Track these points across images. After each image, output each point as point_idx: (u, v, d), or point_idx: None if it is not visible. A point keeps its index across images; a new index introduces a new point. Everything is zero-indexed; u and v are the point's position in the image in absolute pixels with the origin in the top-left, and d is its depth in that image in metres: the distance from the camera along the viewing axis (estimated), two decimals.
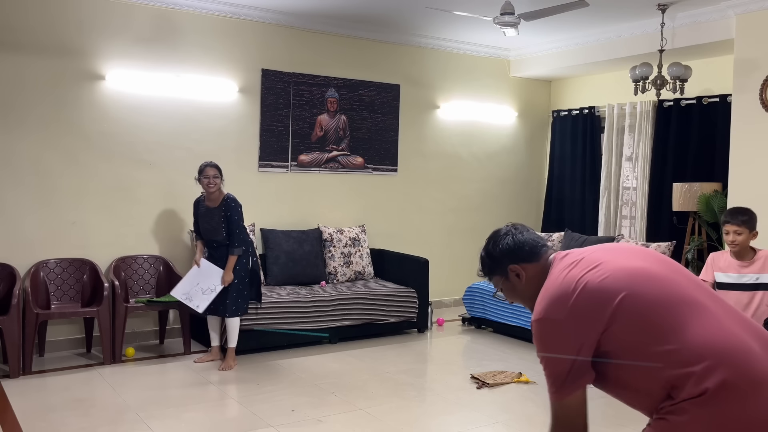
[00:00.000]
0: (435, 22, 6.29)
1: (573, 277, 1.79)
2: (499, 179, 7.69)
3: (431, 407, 4.34)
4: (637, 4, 5.54)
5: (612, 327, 1.71)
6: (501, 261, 1.99)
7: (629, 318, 1.70)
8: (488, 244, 2.04)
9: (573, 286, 1.77)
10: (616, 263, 1.80)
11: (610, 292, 1.72)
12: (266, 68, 6.09)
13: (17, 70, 5.06)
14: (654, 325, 1.69)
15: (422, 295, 6.12)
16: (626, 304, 1.70)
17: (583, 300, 1.74)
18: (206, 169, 4.95)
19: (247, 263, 5.03)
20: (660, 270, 1.80)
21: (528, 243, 1.98)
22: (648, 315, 1.70)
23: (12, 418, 3.86)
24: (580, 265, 1.83)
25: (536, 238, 2.01)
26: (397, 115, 6.88)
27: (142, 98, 5.54)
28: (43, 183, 5.20)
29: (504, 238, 2.01)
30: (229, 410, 4.18)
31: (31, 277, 5.02)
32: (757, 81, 5.20)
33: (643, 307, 1.70)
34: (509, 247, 1.99)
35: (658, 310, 1.70)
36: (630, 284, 1.73)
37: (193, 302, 4.91)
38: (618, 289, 1.72)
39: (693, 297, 1.74)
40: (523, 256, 1.97)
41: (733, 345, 1.64)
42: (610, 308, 1.71)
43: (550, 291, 1.83)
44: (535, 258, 1.97)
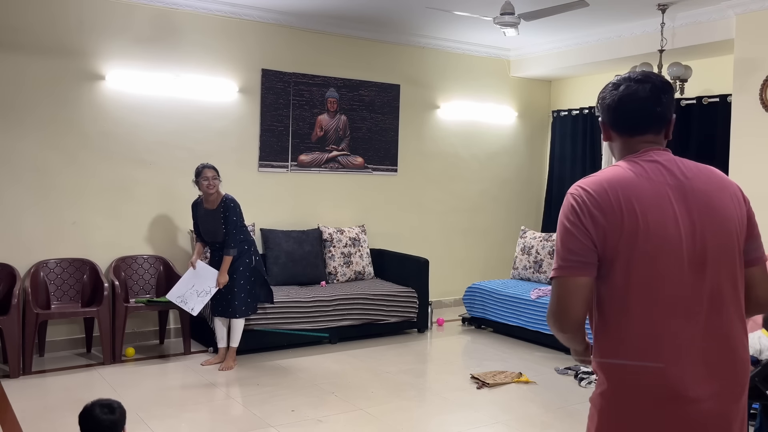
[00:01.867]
0: (435, 22, 6.29)
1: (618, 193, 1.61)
2: (500, 179, 7.69)
3: (431, 407, 4.34)
4: (637, 4, 5.53)
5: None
6: (599, 112, 1.77)
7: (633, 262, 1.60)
8: (607, 88, 1.75)
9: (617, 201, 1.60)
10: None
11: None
12: (266, 68, 6.09)
13: (17, 70, 5.06)
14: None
15: (422, 295, 6.12)
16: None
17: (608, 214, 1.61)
18: (205, 170, 4.91)
19: (251, 263, 5.03)
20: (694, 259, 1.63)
21: (620, 115, 1.71)
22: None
23: (12, 418, 3.86)
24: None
25: (634, 118, 1.70)
26: (397, 115, 6.88)
27: (142, 98, 5.54)
28: (43, 183, 5.20)
29: (609, 91, 1.74)
30: (229, 410, 4.18)
31: (31, 277, 5.01)
32: (757, 81, 5.19)
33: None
34: (602, 104, 1.75)
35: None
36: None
37: (188, 305, 4.90)
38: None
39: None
40: (612, 122, 1.74)
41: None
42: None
43: (603, 176, 1.65)
44: (623, 132, 1.72)
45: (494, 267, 7.59)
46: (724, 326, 1.64)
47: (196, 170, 4.97)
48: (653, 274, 1.59)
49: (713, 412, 1.61)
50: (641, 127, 1.70)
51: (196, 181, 4.95)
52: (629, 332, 1.61)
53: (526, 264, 6.62)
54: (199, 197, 5.08)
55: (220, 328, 5.07)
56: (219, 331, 5.08)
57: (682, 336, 1.60)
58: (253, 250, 5.09)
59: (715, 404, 1.61)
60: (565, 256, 1.62)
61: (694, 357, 1.60)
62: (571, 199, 1.64)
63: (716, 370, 1.62)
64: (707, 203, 1.65)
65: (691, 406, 1.59)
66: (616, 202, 1.60)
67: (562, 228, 1.65)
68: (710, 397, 1.60)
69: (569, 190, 1.68)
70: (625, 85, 1.70)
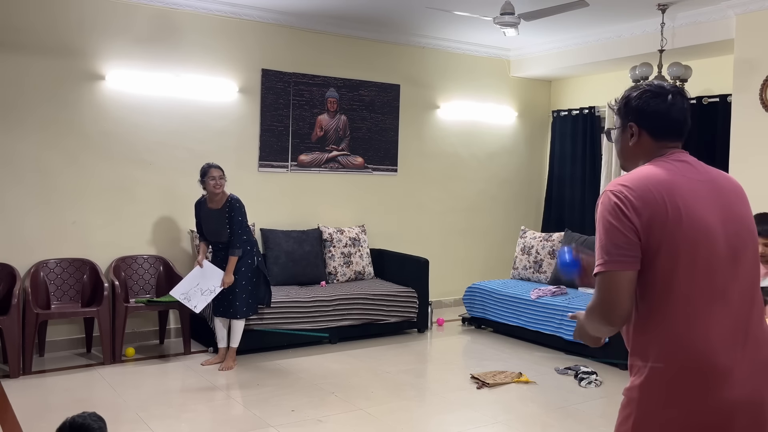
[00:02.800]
0: (435, 22, 6.29)
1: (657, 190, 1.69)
2: (500, 179, 7.69)
3: (431, 407, 4.35)
4: (637, 4, 5.54)
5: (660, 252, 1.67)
6: (629, 114, 1.85)
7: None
8: (635, 90, 1.86)
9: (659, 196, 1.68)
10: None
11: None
12: (266, 68, 6.09)
13: (17, 70, 5.06)
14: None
15: (422, 295, 6.12)
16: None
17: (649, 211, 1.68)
18: (211, 170, 4.90)
19: (253, 263, 5.03)
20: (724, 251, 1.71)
21: (662, 121, 1.81)
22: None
23: (12, 418, 3.86)
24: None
25: (673, 127, 1.82)
26: (397, 115, 6.88)
27: (142, 98, 5.54)
28: (43, 183, 5.20)
29: (649, 98, 1.82)
30: (229, 410, 4.18)
31: (31, 277, 5.01)
32: (757, 81, 5.19)
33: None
34: (640, 109, 1.83)
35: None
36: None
37: (191, 302, 4.91)
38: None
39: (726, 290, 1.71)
40: (649, 127, 1.82)
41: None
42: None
43: (641, 174, 1.74)
44: (660, 138, 1.82)
45: (494, 267, 7.59)
46: (756, 316, 1.73)
47: (202, 170, 4.96)
48: (696, 261, 1.67)
49: (751, 399, 1.69)
50: (679, 135, 1.84)
51: (202, 181, 4.94)
52: (673, 319, 1.67)
53: (526, 264, 6.62)
54: (202, 196, 5.07)
55: (220, 328, 5.07)
56: (219, 332, 5.08)
57: (723, 322, 1.67)
58: (256, 251, 5.09)
59: (752, 390, 1.69)
60: (610, 250, 1.67)
61: (734, 342, 1.68)
62: (613, 196, 1.70)
63: (754, 357, 1.70)
64: (733, 201, 1.78)
65: (731, 391, 1.65)
66: (658, 195, 1.68)
67: (605, 224, 1.70)
68: (748, 381, 1.68)
69: (608, 188, 1.74)
70: (671, 96, 1.82)
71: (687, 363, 1.66)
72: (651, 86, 1.85)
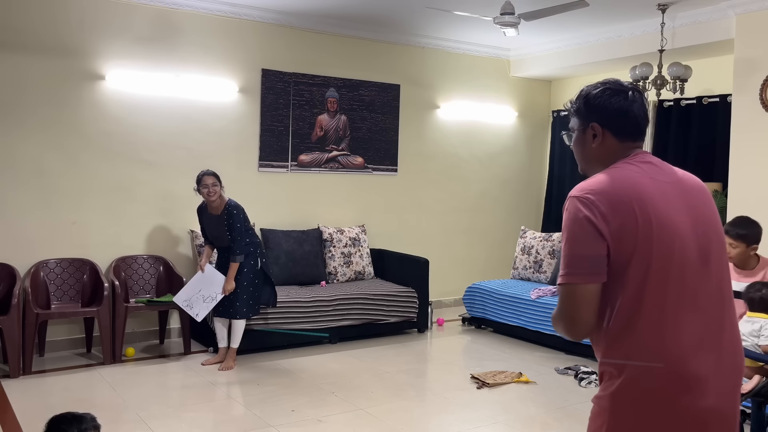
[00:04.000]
0: (435, 22, 6.29)
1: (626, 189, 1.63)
2: (500, 179, 7.69)
3: (431, 407, 4.34)
4: (637, 4, 5.53)
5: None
6: (590, 113, 1.77)
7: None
8: (594, 88, 1.78)
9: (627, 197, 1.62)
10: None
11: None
12: (266, 68, 6.09)
13: (17, 70, 5.06)
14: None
15: (422, 295, 6.12)
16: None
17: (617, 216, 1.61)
18: (204, 177, 4.90)
19: (256, 265, 5.02)
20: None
21: (626, 120, 1.73)
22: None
23: (12, 418, 3.86)
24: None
25: (636, 126, 1.74)
26: (397, 115, 6.88)
27: (142, 98, 5.54)
28: (43, 183, 5.20)
29: (611, 95, 1.74)
30: (229, 410, 4.18)
31: (31, 277, 5.01)
32: (757, 81, 5.19)
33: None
34: (602, 107, 1.75)
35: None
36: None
37: (193, 310, 4.91)
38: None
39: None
40: (613, 127, 1.74)
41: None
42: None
43: (607, 177, 1.66)
44: (623, 138, 1.74)
45: (494, 267, 7.59)
46: (728, 318, 1.68)
47: (197, 178, 4.96)
48: (668, 269, 1.60)
49: (724, 408, 1.65)
50: (641, 134, 1.77)
51: (197, 189, 4.94)
52: (645, 327, 1.61)
53: (526, 264, 6.62)
54: (203, 202, 5.07)
55: (220, 328, 5.07)
56: (219, 331, 5.08)
57: (695, 329, 1.62)
58: (260, 252, 5.08)
59: (726, 399, 1.66)
60: (574, 262, 1.61)
61: (708, 349, 1.63)
62: (579, 204, 1.62)
63: (726, 361, 1.66)
64: (700, 202, 1.72)
65: (705, 400, 1.61)
66: (627, 202, 1.60)
67: (571, 234, 1.62)
68: (722, 390, 1.64)
69: (572, 194, 1.66)
70: (631, 93, 1.74)
71: (660, 371, 1.60)
72: (609, 83, 1.77)
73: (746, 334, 3.40)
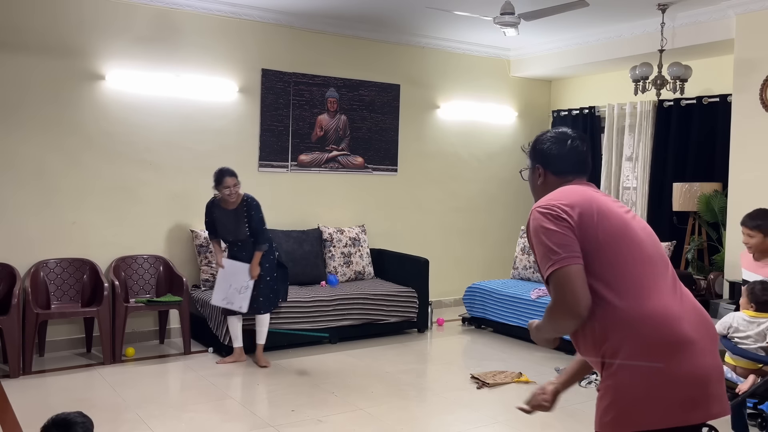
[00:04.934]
0: (435, 22, 6.29)
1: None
2: (500, 179, 7.69)
3: (431, 407, 4.34)
4: (637, 4, 5.54)
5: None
6: (536, 157, 2.12)
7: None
8: (541, 136, 2.14)
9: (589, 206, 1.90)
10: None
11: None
12: (266, 68, 6.09)
13: (17, 70, 5.06)
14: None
15: (422, 295, 6.12)
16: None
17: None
18: (226, 179, 4.85)
19: (275, 259, 5.07)
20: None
21: (563, 163, 2.07)
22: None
23: (12, 418, 3.86)
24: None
25: (574, 166, 2.07)
26: (397, 115, 6.88)
27: (143, 98, 5.54)
28: (43, 183, 5.20)
29: (552, 143, 2.09)
30: (229, 410, 4.18)
31: (31, 277, 5.01)
32: (757, 81, 5.20)
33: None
34: (544, 153, 2.10)
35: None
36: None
37: (235, 305, 4.89)
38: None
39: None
40: (552, 168, 2.08)
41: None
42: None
43: (558, 191, 1.97)
44: (560, 176, 2.06)
45: (494, 267, 7.59)
46: (673, 276, 1.92)
47: (216, 177, 4.90)
48: (631, 246, 1.86)
49: (718, 363, 1.86)
50: (581, 171, 2.09)
51: (217, 188, 4.90)
52: (633, 302, 1.80)
53: (526, 264, 6.62)
54: (215, 197, 5.03)
55: (234, 325, 5.03)
56: (234, 329, 5.03)
57: (669, 292, 1.85)
58: (275, 246, 5.12)
59: (715, 356, 1.86)
60: (556, 250, 1.81)
61: (682, 309, 1.84)
62: (543, 209, 1.88)
63: (701, 327, 1.86)
64: (633, 215, 2.00)
65: (703, 358, 1.79)
66: (580, 198, 1.90)
67: (542, 231, 1.85)
68: (708, 347, 1.84)
69: (535, 208, 1.91)
70: (570, 141, 2.08)
71: (660, 339, 1.76)
72: (555, 133, 2.12)
73: (752, 335, 3.39)
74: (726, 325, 3.45)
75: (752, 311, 3.44)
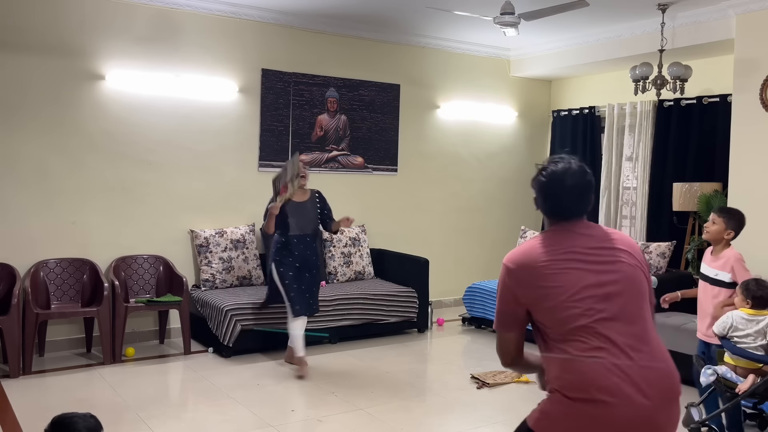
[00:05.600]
0: (435, 22, 6.29)
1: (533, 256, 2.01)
2: (500, 179, 7.68)
3: (431, 407, 4.34)
4: (637, 4, 5.54)
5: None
6: (534, 189, 2.18)
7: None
8: (542, 168, 2.16)
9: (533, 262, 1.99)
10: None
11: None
12: (266, 68, 6.09)
13: (17, 70, 5.06)
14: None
15: (422, 295, 6.12)
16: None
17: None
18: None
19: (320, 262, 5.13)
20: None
21: (549, 204, 2.09)
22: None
23: (12, 418, 3.86)
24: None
25: (562, 209, 2.05)
26: (397, 115, 6.88)
27: (143, 98, 5.54)
28: (43, 182, 5.20)
29: (544, 182, 2.10)
30: (229, 410, 4.18)
31: (31, 276, 5.01)
32: (757, 81, 5.19)
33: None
34: (536, 190, 2.16)
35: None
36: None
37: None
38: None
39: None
40: (541, 208, 2.13)
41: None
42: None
43: (519, 251, 2.05)
44: (548, 217, 2.10)
45: (494, 267, 7.57)
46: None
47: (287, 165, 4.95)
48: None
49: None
50: (572, 215, 2.17)
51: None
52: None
53: None
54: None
55: (300, 329, 4.87)
56: (300, 336, 4.85)
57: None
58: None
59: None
60: (499, 314, 2.34)
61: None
62: (503, 265, 2.13)
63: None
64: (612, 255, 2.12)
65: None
66: (525, 260, 2.12)
67: (498, 287, 2.20)
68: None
69: (504, 261, 2.08)
70: (562, 178, 2.18)
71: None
72: (548, 171, 2.11)
73: (752, 333, 3.39)
74: (725, 326, 3.46)
75: (749, 309, 3.45)
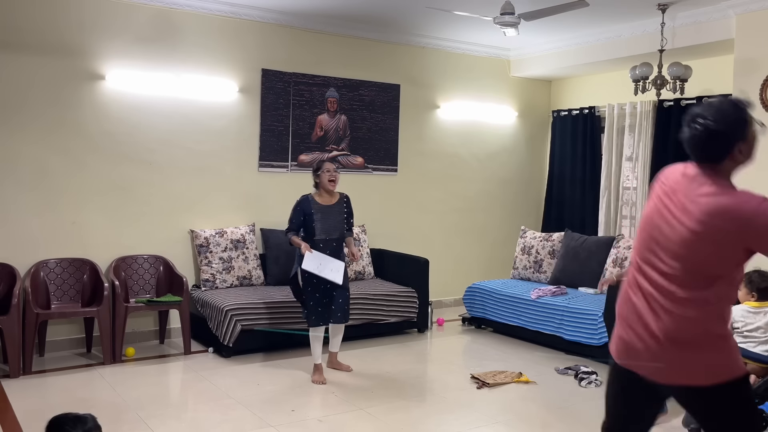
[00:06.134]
0: (435, 22, 6.29)
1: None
2: (500, 179, 7.69)
3: (431, 407, 4.34)
4: (637, 4, 5.54)
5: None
6: (735, 131, 2.11)
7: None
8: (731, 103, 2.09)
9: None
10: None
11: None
12: (266, 68, 6.09)
13: (17, 70, 5.06)
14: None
15: (422, 295, 6.12)
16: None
17: None
18: (326, 164, 4.78)
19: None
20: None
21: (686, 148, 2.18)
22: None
23: (12, 418, 3.86)
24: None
25: (690, 150, 2.23)
26: (397, 115, 6.88)
27: (143, 98, 5.54)
28: (43, 182, 5.20)
29: (741, 113, 2.06)
30: (229, 410, 4.18)
31: (31, 276, 5.01)
32: (757, 81, 5.19)
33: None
34: (743, 122, 2.08)
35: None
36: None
37: (331, 274, 4.60)
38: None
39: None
40: (747, 156, 2.20)
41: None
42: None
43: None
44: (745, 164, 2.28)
45: (494, 267, 7.59)
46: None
47: (316, 165, 4.84)
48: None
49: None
50: (695, 157, 2.38)
51: (316, 175, 4.81)
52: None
53: (526, 264, 6.62)
54: (308, 194, 4.85)
55: (320, 339, 4.78)
56: (319, 345, 4.78)
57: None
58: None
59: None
60: None
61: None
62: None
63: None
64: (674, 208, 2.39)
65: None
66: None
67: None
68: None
69: (764, 199, 2.13)
70: (687, 120, 2.24)
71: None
72: (731, 104, 2.18)
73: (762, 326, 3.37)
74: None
75: (754, 301, 3.43)
